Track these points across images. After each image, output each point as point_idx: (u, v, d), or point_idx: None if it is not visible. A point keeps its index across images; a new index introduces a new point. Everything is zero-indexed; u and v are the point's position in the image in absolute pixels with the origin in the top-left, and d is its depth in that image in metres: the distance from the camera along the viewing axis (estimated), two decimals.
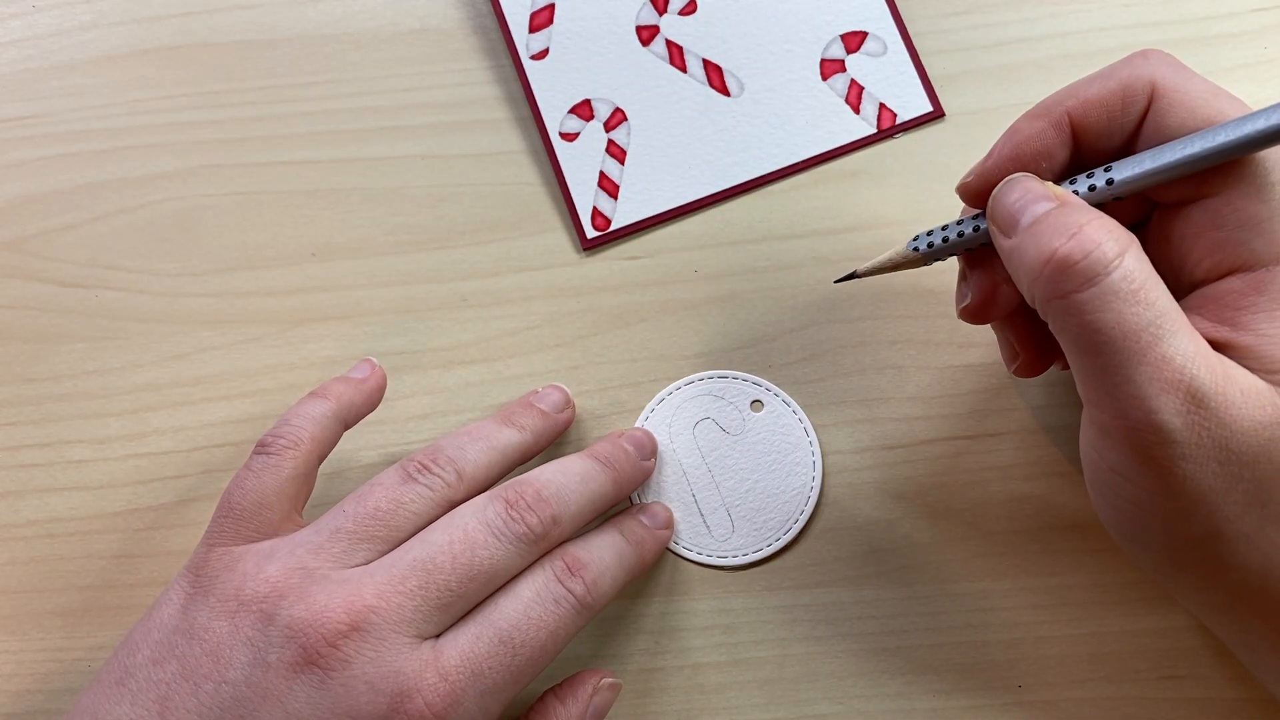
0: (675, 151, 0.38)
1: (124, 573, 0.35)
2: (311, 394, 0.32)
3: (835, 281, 0.34)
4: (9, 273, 0.38)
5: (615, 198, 0.37)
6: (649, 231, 0.37)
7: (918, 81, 0.38)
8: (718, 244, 0.37)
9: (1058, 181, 0.27)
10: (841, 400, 0.35)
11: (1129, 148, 0.27)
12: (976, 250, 0.29)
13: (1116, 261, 0.23)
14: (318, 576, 0.27)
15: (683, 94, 0.38)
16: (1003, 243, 0.26)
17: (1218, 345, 0.25)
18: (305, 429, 0.31)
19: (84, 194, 0.38)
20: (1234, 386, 0.23)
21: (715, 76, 0.38)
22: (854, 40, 0.38)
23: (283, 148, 0.38)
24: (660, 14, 0.38)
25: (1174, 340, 0.23)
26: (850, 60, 0.38)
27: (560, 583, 0.29)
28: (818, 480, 0.34)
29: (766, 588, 0.34)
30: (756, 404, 0.35)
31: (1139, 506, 0.25)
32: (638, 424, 0.35)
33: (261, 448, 0.30)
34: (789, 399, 0.35)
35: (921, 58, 0.38)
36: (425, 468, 0.29)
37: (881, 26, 0.38)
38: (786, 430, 0.35)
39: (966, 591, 0.34)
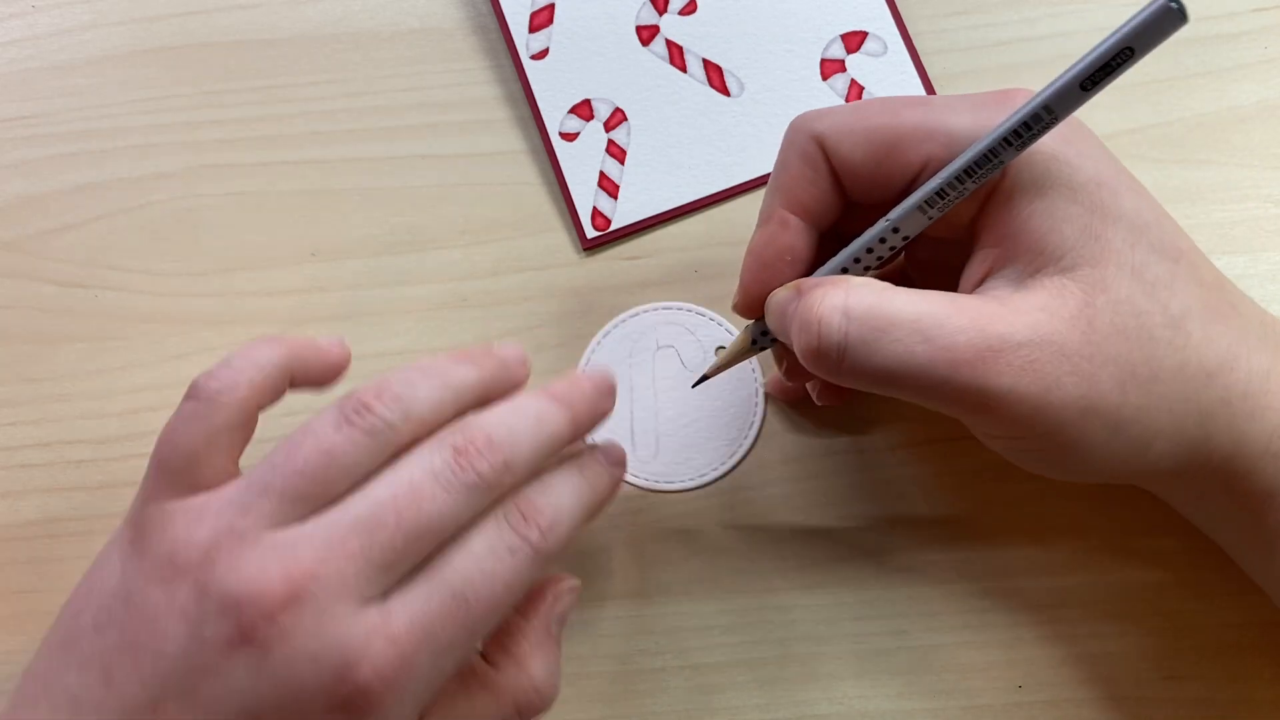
0: (675, 151, 0.38)
1: None
2: (264, 338, 0.29)
3: (693, 386, 0.34)
4: (9, 273, 0.38)
5: (615, 198, 0.37)
6: (649, 231, 0.37)
7: (918, 81, 0.38)
8: (718, 244, 0.37)
9: (849, 240, 0.29)
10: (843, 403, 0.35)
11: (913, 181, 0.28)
12: None
13: (842, 323, 0.26)
14: (250, 540, 0.25)
15: (683, 94, 0.38)
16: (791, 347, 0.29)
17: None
18: (244, 373, 0.27)
19: (84, 194, 0.38)
20: (1009, 320, 0.25)
21: (715, 76, 0.38)
22: (854, 40, 0.38)
23: (283, 148, 0.38)
24: (660, 14, 0.38)
25: (944, 328, 0.25)
26: (850, 60, 0.38)
27: (515, 531, 0.27)
28: (749, 440, 0.35)
29: (766, 588, 0.34)
30: (720, 349, 0.35)
31: (1065, 455, 0.27)
32: (608, 329, 0.35)
33: (192, 393, 0.27)
34: (755, 363, 0.36)
35: (921, 58, 0.38)
36: (366, 407, 0.26)
37: (881, 26, 0.38)
38: (740, 385, 0.35)
39: (965, 592, 0.34)
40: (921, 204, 0.27)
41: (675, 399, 0.35)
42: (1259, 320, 0.27)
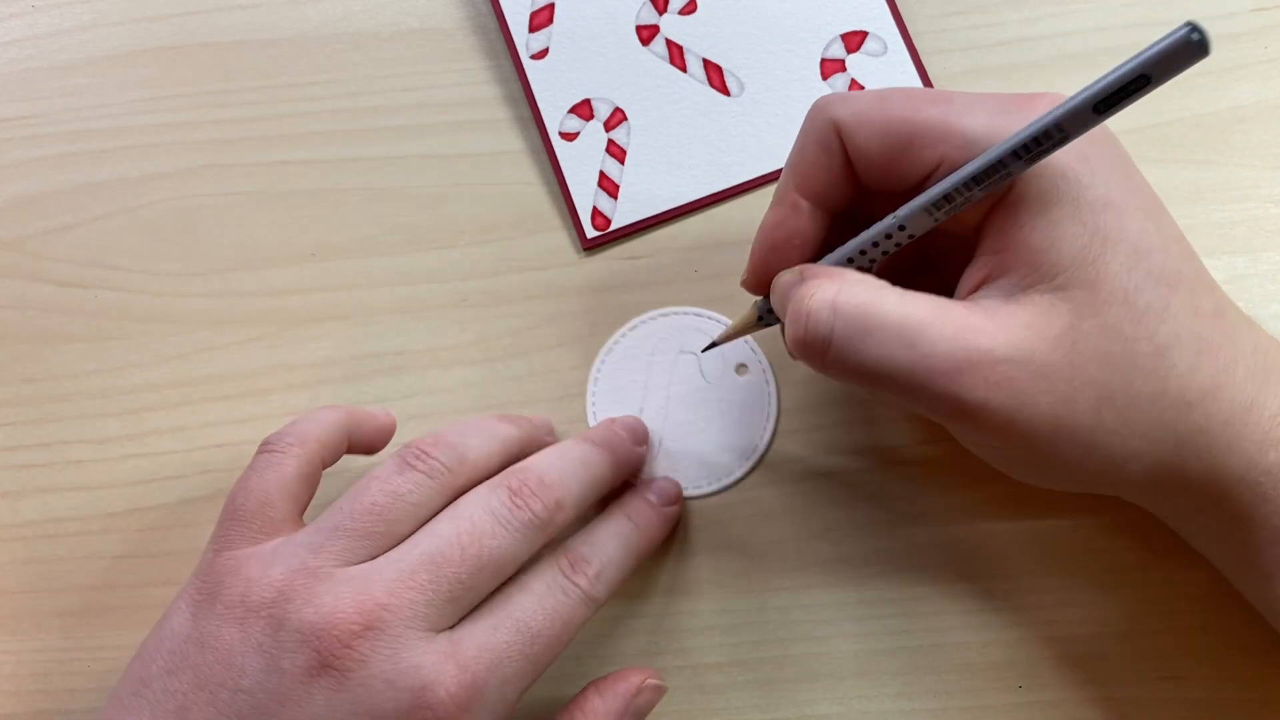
0: (675, 151, 0.38)
1: (124, 573, 0.35)
2: (323, 406, 0.32)
3: (702, 351, 0.35)
4: (9, 273, 0.38)
5: (615, 198, 0.37)
6: (649, 231, 0.37)
7: (918, 81, 0.38)
8: (718, 244, 0.37)
9: (843, 237, 0.29)
10: (844, 400, 0.35)
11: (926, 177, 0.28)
12: None
13: (829, 318, 0.26)
14: (322, 576, 0.27)
15: (683, 94, 0.38)
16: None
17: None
18: (311, 430, 0.30)
19: (84, 194, 0.38)
20: (992, 334, 0.26)
21: (715, 76, 0.38)
22: (854, 40, 0.38)
23: (283, 148, 0.38)
24: (660, 14, 0.38)
25: (927, 335, 0.26)
26: (850, 60, 0.38)
27: (567, 578, 0.29)
28: (749, 464, 0.35)
29: (766, 588, 0.34)
30: (742, 368, 0.35)
31: (1037, 466, 0.28)
32: (635, 323, 0.36)
33: (266, 446, 0.30)
34: (770, 379, 0.35)
35: (921, 58, 0.38)
36: (425, 453, 0.29)
37: (882, 26, 0.38)
38: (754, 407, 0.35)
39: (965, 592, 0.34)
40: (928, 206, 0.27)
41: (685, 406, 0.35)
42: (1253, 348, 0.27)
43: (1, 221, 0.38)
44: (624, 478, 0.33)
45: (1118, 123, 0.37)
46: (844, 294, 0.27)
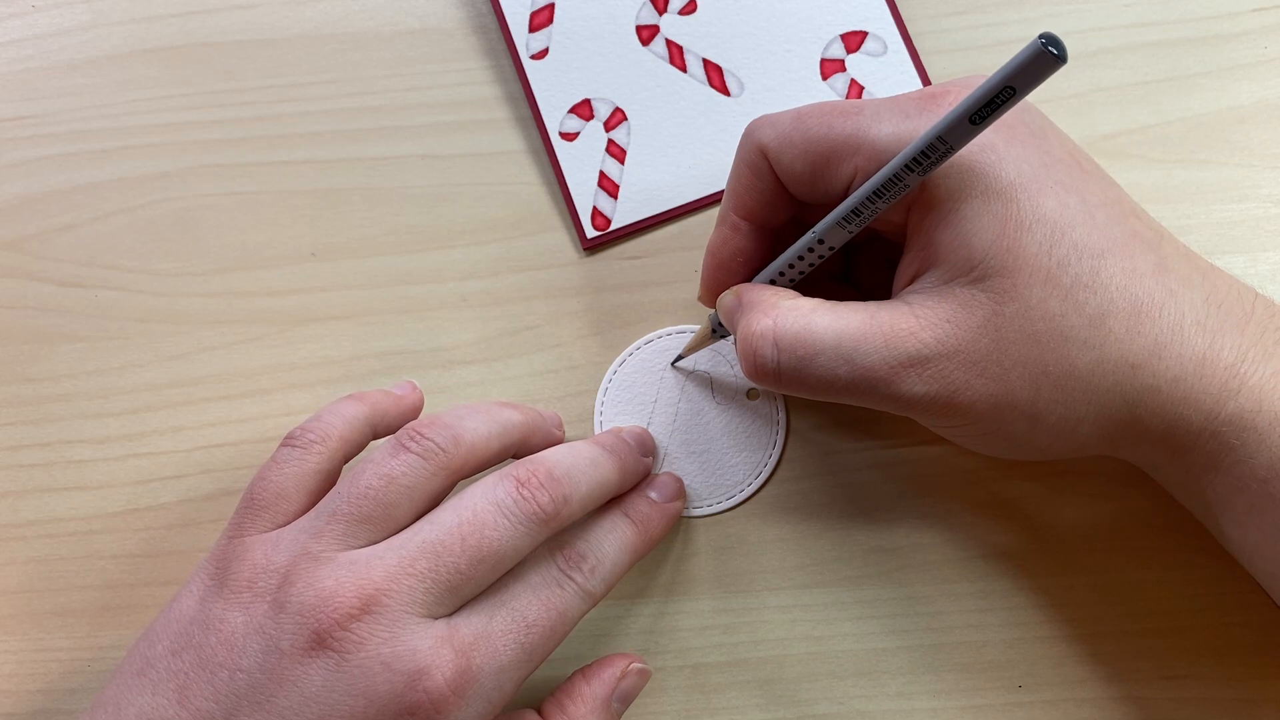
0: (675, 151, 0.38)
1: (123, 573, 0.35)
2: (349, 396, 0.32)
3: (672, 364, 0.36)
4: (9, 273, 0.38)
5: (615, 198, 0.37)
6: (649, 231, 0.37)
7: (918, 81, 0.38)
8: None
9: (786, 244, 0.31)
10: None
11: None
12: None
13: (773, 354, 0.28)
14: (324, 560, 0.27)
15: (683, 94, 0.38)
16: None
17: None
18: (335, 427, 0.31)
19: (84, 194, 0.38)
20: (918, 335, 0.27)
21: (715, 76, 0.38)
22: (854, 40, 0.38)
23: (283, 148, 0.38)
24: (660, 14, 0.38)
25: (860, 349, 0.28)
26: (850, 60, 0.38)
27: (562, 571, 0.29)
28: (749, 489, 0.35)
29: (766, 588, 0.34)
30: (753, 392, 0.35)
31: (992, 441, 0.29)
32: (651, 337, 0.36)
33: (289, 440, 0.30)
34: (780, 405, 0.35)
35: (921, 58, 0.38)
36: (420, 434, 0.29)
37: (881, 26, 0.38)
38: (761, 430, 0.35)
39: (966, 592, 0.34)
40: (840, 220, 0.28)
41: (693, 425, 0.35)
42: (1204, 300, 0.27)
43: (1, 221, 0.38)
44: (629, 486, 0.33)
45: (1117, 124, 0.37)
46: (780, 324, 0.28)
